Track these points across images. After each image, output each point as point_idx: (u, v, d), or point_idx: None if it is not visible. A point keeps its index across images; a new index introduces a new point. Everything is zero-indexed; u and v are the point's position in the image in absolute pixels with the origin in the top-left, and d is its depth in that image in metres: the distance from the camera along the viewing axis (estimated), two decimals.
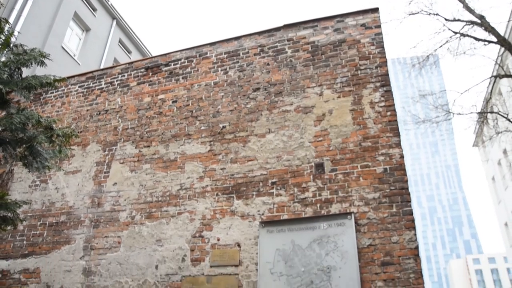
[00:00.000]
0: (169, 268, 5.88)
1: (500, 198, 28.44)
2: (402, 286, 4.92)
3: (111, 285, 6.07)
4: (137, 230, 6.31)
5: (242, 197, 5.98)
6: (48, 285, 6.45)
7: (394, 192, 5.40)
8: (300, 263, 5.21)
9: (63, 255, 6.59)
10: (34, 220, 7.15)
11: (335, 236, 5.23)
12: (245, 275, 5.49)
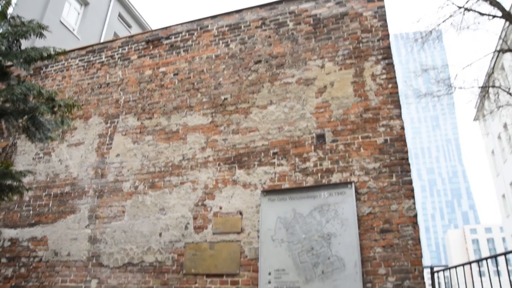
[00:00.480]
0: (173, 236, 6.04)
1: (499, 171, 28.71)
2: (400, 252, 5.06)
3: (117, 252, 6.24)
4: (140, 200, 6.43)
5: (244, 167, 6.08)
6: (56, 252, 6.62)
7: (394, 162, 5.48)
8: (301, 230, 5.34)
9: (69, 224, 6.74)
10: (39, 191, 7.27)
11: (336, 205, 5.34)
12: (247, 242, 5.63)
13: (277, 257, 5.30)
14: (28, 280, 6.63)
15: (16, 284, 6.68)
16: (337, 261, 5.09)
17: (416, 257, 5.02)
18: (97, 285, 6.17)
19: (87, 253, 6.42)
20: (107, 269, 6.21)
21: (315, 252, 5.20)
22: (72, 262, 6.46)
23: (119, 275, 6.11)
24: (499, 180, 29.03)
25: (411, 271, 4.97)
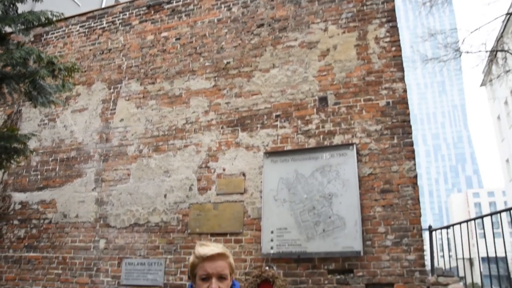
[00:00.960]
0: (177, 197, 6.19)
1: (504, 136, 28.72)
2: (400, 211, 5.19)
3: (123, 213, 6.42)
4: (145, 163, 6.56)
5: (247, 129, 6.15)
6: (64, 214, 6.83)
7: (395, 125, 5.52)
8: (303, 190, 5.46)
9: (76, 187, 6.90)
10: (45, 156, 7.41)
11: (337, 166, 5.43)
12: (250, 202, 5.78)
13: (279, 216, 5.45)
14: (40, 240, 6.87)
15: (29, 244, 6.93)
16: (338, 220, 5.23)
17: (415, 216, 5.15)
18: (105, 244, 6.39)
19: (95, 214, 6.62)
20: (114, 230, 6.41)
21: (316, 212, 5.33)
22: (81, 224, 6.67)
23: (126, 235, 6.31)
24: (503, 145, 29.06)
25: (409, 229, 5.11)
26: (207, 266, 1.67)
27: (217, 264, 1.68)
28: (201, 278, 1.68)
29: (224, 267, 1.70)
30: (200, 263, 1.69)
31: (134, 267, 6.08)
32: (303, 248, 5.28)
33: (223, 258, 1.71)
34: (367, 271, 5.11)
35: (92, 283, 6.29)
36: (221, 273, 1.68)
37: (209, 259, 1.68)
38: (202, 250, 1.70)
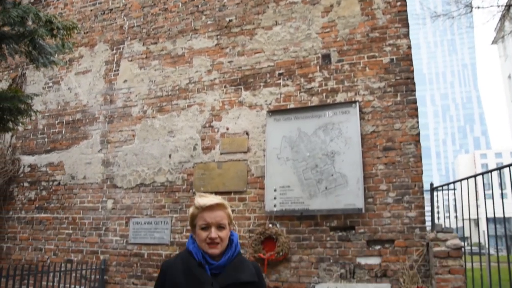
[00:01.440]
0: (182, 157, 6.27)
1: None
2: (402, 169, 5.22)
3: (129, 173, 6.53)
4: (149, 123, 6.61)
5: (250, 88, 6.13)
6: (72, 176, 6.96)
7: (399, 82, 5.46)
8: (305, 148, 5.50)
9: (83, 149, 7.00)
10: (51, 119, 7.47)
11: (340, 124, 5.43)
12: (253, 161, 5.84)
13: (282, 175, 5.51)
14: (50, 201, 7.05)
15: (39, 205, 7.12)
16: (340, 178, 5.28)
17: (416, 174, 5.18)
18: (112, 205, 6.54)
19: (102, 176, 6.74)
20: (121, 190, 6.54)
21: (319, 169, 5.38)
22: (88, 185, 6.81)
23: (132, 195, 6.44)
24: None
25: (411, 187, 5.16)
26: (207, 216, 1.73)
27: (216, 214, 1.74)
28: (201, 227, 1.74)
29: (222, 217, 1.75)
30: (200, 213, 1.74)
31: (141, 226, 6.24)
32: (305, 205, 5.37)
33: (221, 208, 1.77)
34: (368, 228, 5.21)
35: (102, 242, 6.49)
36: (220, 222, 1.74)
37: (208, 209, 1.73)
38: (201, 201, 1.75)
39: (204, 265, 1.72)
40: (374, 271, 5.08)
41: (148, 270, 6.09)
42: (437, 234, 4.44)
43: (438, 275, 4.24)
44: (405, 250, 5.02)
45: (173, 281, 1.72)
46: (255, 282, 1.80)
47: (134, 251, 6.24)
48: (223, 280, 1.70)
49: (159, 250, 6.09)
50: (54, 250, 6.80)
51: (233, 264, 1.77)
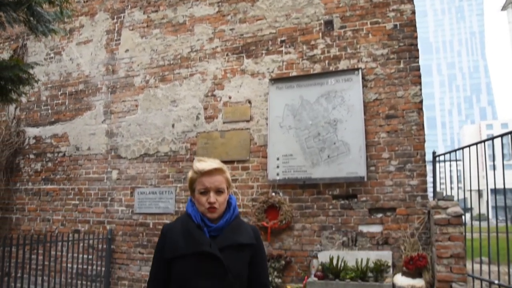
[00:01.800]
0: (185, 126, 6.28)
1: None
2: (404, 137, 5.20)
3: (133, 144, 6.57)
4: (152, 93, 6.59)
5: (252, 56, 6.07)
6: (77, 147, 7.01)
7: (402, 48, 5.38)
8: (308, 116, 5.48)
9: (86, 120, 7.02)
10: (54, 91, 7.47)
11: (342, 91, 5.39)
12: (256, 129, 5.84)
13: (285, 143, 5.52)
14: (56, 173, 7.13)
15: (46, 177, 7.20)
16: (343, 146, 5.28)
17: (419, 142, 5.17)
18: (117, 175, 6.60)
19: (106, 146, 6.78)
20: (125, 161, 6.59)
21: (321, 138, 5.38)
22: (93, 156, 6.86)
23: (137, 165, 6.50)
24: None
25: (413, 155, 5.15)
26: (205, 181, 1.74)
27: (215, 179, 1.75)
28: (199, 192, 1.76)
29: (221, 181, 1.77)
30: (199, 178, 1.76)
31: (146, 196, 6.32)
32: (308, 174, 5.39)
33: (220, 173, 1.77)
34: (370, 196, 5.24)
35: (107, 212, 6.59)
36: (218, 187, 1.75)
37: (207, 174, 1.74)
38: (200, 166, 1.76)
39: (203, 227, 1.75)
40: (376, 239, 5.14)
41: (154, 239, 6.19)
42: (438, 202, 4.46)
43: (438, 242, 4.28)
44: (407, 218, 5.07)
45: (173, 243, 1.75)
46: (253, 244, 1.82)
47: (139, 221, 6.34)
48: (221, 241, 1.73)
49: (164, 220, 6.17)
50: (62, 220, 6.92)
51: (231, 227, 1.79)
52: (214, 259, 1.69)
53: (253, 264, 1.82)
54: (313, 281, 4.80)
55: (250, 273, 1.81)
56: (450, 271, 4.18)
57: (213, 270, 1.69)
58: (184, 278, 1.70)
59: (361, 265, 4.78)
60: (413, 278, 4.54)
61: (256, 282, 1.84)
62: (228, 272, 1.69)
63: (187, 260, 1.70)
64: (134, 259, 6.28)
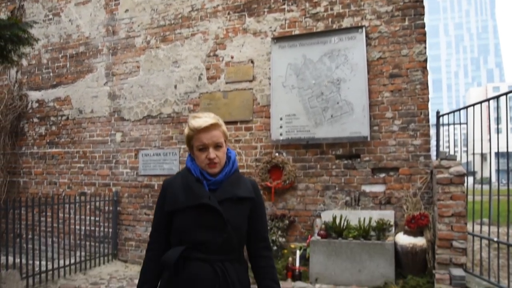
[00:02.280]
0: (187, 87, 6.24)
1: None
2: (408, 96, 5.16)
3: (136, 106, 6.56)
4: (153, 54, 6.51)
5: (254, 14, 5.93)
6: (80, 110, 7.01)
7: (407, 5, 5.24)
8: (311, 76, 5.43)
9: (88, 83, 6.98)
10: (55, 53, 7.39)
11: (346, 50, 5.31)
12: (259, 89, 5.80)
13: (288, 103, 5.49)
14: (60, 136, 7.16)
15: (50, 140, 7.25)
16: (346, 106, 5.25)
17: (423, 101, 5.13)
18: (121, 137, 6.63)
19: (109, 109, 6.77)
20: (128, 123, 6.60)
21: (324, 97, 5.35)
22: (96, 118, 6.87)
23: (140, 127, 6.51)
24: None
25: (417, 114, 5.13)
26: (203, 137, 1.73)
27: (212, 134, 1.73)
28: (198, 148, 1.75)
29: (218, 136, 1.75)
30: (196, 135, 1.74)
31: (150, 158, 6.36)
32: (311, 134, 5.39)
33: (216, 127, 1.76)
34: (374, 156, 5.25)
35: (113, 174, 6.66)
36: (216, 142, 1.74)
37: (203, 130, 1.72)
38: (195, 123, 1.74)
39: (202, 180, 1.76)
40: (379, 198, 5.20)
41: None
42: (441, 161, 4.47)
43: (440, 201, 4.32)
44: (409, 178, 5.10)
45: (173, 196, 1.76)
46: (253, 198, 1.83)
47: (144, 183, 6.41)
48: (220, 194, 1.74)
49: None
50: (68, 183, 7.01)
51: (230, 180, 1.80)
52: (213, 212, 1.71)
53: (253, 218, 1.84)
54: (316, 240, 4.89)
55: (249, 227, 1.83)
56: (451, 229, 4.24)
57: (212, 223, 1.71)
58: (184, 230, 1.73)
59: (364, 224, 4.85)
60: (414, 237, 4.61)
61: (256, 236, 1.86)
62: (227, 224, 1.70)
63: (187, 213, 1.72)
64: (140, 220, 6.39)
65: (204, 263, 1.70)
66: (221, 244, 1.71)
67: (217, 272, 1.69)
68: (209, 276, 1.69)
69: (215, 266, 1.70)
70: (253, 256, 1.88)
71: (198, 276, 1.69)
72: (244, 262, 1.85)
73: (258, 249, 1.87)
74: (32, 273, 4.96)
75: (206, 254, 1.71)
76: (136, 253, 6.34)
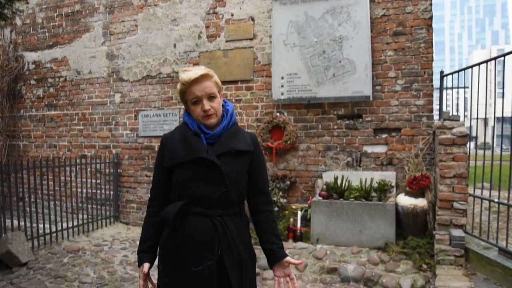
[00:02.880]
0: (187, 46, 6.11)
1: None
2: (412, 55, 5.07)
3: (134, 66, 6.44)
4: (151, 12, 6.33)
5: None
6: (78, 71, 6.89)
7: None
8: (312, 34, 5.29)
9: (85, 43, 6.84)
10: (50, 12, 7.20)
11: (348, 7, 5.16)
12: (260, 48, 5.68)
13: (289, 62, 5.39)
14: (58, 98, 7.08)
15: (49, 102, 7.17)
16: (348, 64, 5.16)
17: (427, 61, 5.04)
18: (120, 99, 6.55)
19: (107, 69, 6.66)
20: (127, 83, 6.51)
21: (326, 56, 5.24)
22: (95, 79, 6.77)
23: (139, 88, 6.42)
24: None
25: (420, 74, 5.05)
26: (195, 90, 1.69)
27: (204, 85, 1.69)
28: (192, 102, 1.71)
29: (211, 86, 1.71)
30: (188, 88, 1.70)
31: (150, 119, 6.31)
32: (313, 93, 5.32)
33: (207, 78, 1.72)
34: (376, 116, 5.21)
35: (113, 136, 6.62)
36: (209, 93, 1.70)
37: (194, 82, 1.68)
38: (185, 76, 1.69)
39: (200, 134, 1.73)
40: (380, 159, 5.19)
41: None
42: (444, 122, 4.41)
43: (442, 162, 4.29)
44: (411, 138, 5.07)
45: (171, 151, 1.74)
46: (251, 151, 1.80)
47: (144, 144, 6.39)
48: (219, 148, 1.72)
49: None
50: (68, 146, 6.98)
51: (229, 133, 1.77)
52: (212, 166, 1.68)
53: (252, 172, 1.82)
54: (317, 201, 4.90)
55: (249, 181, 1.82)
56: (452, 190, 4.23)
57: (211, 177, 1.69)
58: (183, 185, 1.71)
59: (365, 185, 4.85)
60: (415, 198, 4.62)
61: (256, 189, 1.85)
62: (226, 178, 1.69)
63: (186, 167, 1.70)
64: (141, 182, 6.41)
65: (203, 218, 1.70)
66: (220, 198, 1.70)
67: (217, 226, 1.69)
68: (209, 230, 1.68)
69: (214, 220, 1.70)
70: (254, 211, 1.87)
71: (197, 230, 1.69)
72: (244, 217, 1.84)
73: (258, 203, 1.86)
74: (37, 235, 5.02)
75: (205, 209, 1.70)
76: (138, 215, 6.38)
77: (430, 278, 3.95)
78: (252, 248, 1.84)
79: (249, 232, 1.85)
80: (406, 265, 4.19)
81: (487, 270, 3.80)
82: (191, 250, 1.68)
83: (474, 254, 4.01)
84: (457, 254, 4.06)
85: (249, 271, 1.80)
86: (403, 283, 3.84)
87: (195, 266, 1.67)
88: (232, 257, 1.70)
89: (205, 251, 1.67)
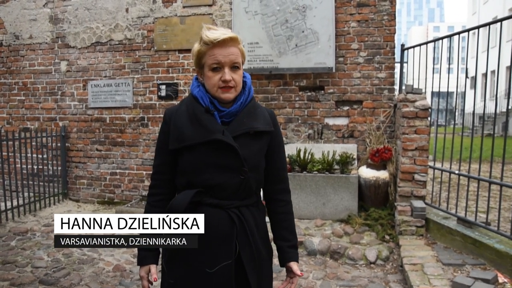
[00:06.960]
0: (141, 11, 5.67)
1: None
2: (375, 27, 5.02)
3: (82, 31, 5.93)
4: None
5: None
6: (16, 35, 6.26)
7: None
8: (275, 2, 5.06)
9: (24, 4, 6.18)
10: None
11: None
12: (219, 15, 5.38)
13: (251, 30, 5.14)
14: None
15: None
16: (311, 35, 5.00)
17: (389, 33, 5.03)
18: (67, 67, 6.06)
19: (51, 34, 6.09)
20: (75, 50, 6.00)
21: (289, 25, 5.04)
22: (37, 45, 6.19)
23: (88, 55, 5.94)
24: None
25: (383, 46, 5.03)
26: (218, 54, 1.38)
27: (230, 51, 1.39)
28: (211, 68, 1.40)
29: (237, 54, 1.41)
30: (209, 50, 1.39)
31: (100, 89, 5.90)
32: (275, 63, 5.14)
33: (235, 43, 1.41)
34: (338, 88, 5.15)
35: (59, 107, 6.14)
36: (234, 61, 1.40)
37: (220, 44, 1.37)
38: (212, 35, 1.37)
39: (213, 111, 1.44)
40: (342, 131, 5.17)
41: (112, 135, 5.91)
42: (407, 95, 4.41)
43: (404, 135, 4.31)
44: (373, 111, 5.07)
45: (178, 131, 1.45)
46: (271, 131, 1.53)
47: (95, 116, 5.98)
48: (235, 128, 1.44)
49: (122, 114, 5.85)
50: (7, 118, 6.41)
51: (247, 111, 1.48)
52: (227, 149, 1.42)
53: (271, 155, 1.56)
54: None
55: (267, 165, 1.56)
56: (414, 163, 4.29)
57: (227, 162, 1.42)
58: (193, 172, 1.44)
59: (328, 157, 4.81)
60: (377, 170, 4.65)
61: (274, 176, 1.60)
62: (244, 163, 1.43)
63: (196, 151, 1.42)
64: (91, 157, 6.03)
65: (218, 210, 1.45)
66: (238, 187, 1.45)
67: (234, 220, 1.45)
68: (225, 225, 1.44)
69: (231, 213, 1.45)
70: (269, 200, 1.64)
71: (212, 225, 1.43)
72: (261, 206, 1.60)
73: (275, 191, 1.63)
74: None
75: (220, 199, 1.45)
76: (89, 191, 6.04)
77: (393, 248, 4.01)
78: (269, 241, 1.63)
79: (266, 223, 1.61)
80: (370, 236, 4.22)
81: (447, 239, 3.90)
82: (204, 248, 1.43)
83: (434, 224, 4.10)
84: (418, 224, 4.15)
85: (267, 268, 1.59)
86: (368, 254, 3.86)
87: (210, 267, 1.43)
88: (251, 255, 1.47)
89: (221, 249, 1.44)
